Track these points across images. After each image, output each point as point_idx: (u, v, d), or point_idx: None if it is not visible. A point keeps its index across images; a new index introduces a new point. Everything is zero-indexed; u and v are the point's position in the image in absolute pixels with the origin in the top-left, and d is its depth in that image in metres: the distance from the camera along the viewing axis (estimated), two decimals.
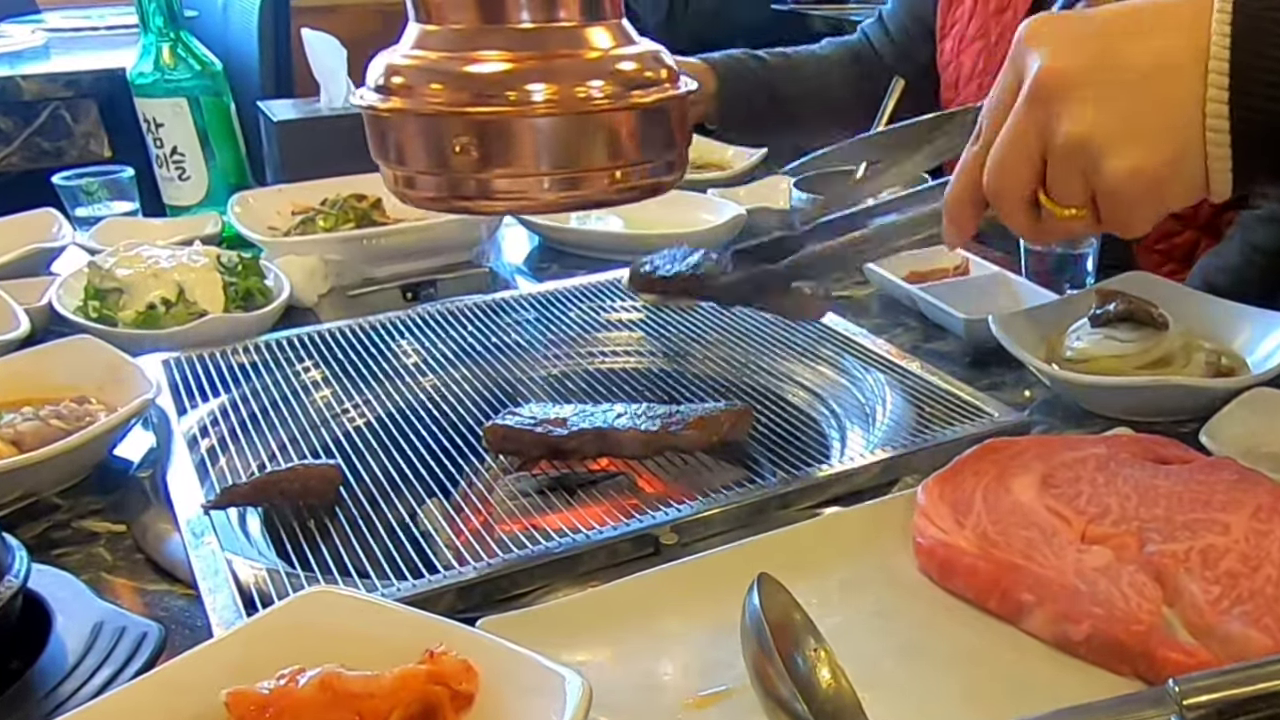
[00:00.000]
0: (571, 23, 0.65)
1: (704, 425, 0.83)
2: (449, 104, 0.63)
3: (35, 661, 0.61)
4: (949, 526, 0.69)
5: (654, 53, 0.68)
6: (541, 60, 0.64)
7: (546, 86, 0.63)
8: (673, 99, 0.68)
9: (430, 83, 0.64)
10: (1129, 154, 0.62)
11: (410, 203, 0.70)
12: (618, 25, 0.67)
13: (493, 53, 0.64)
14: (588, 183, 0.67)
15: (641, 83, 0.66)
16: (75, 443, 0.80)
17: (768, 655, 0.57)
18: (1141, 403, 0.88)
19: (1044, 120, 0.64)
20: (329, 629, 0.56)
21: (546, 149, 0.65)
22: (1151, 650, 0.59)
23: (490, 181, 0.66)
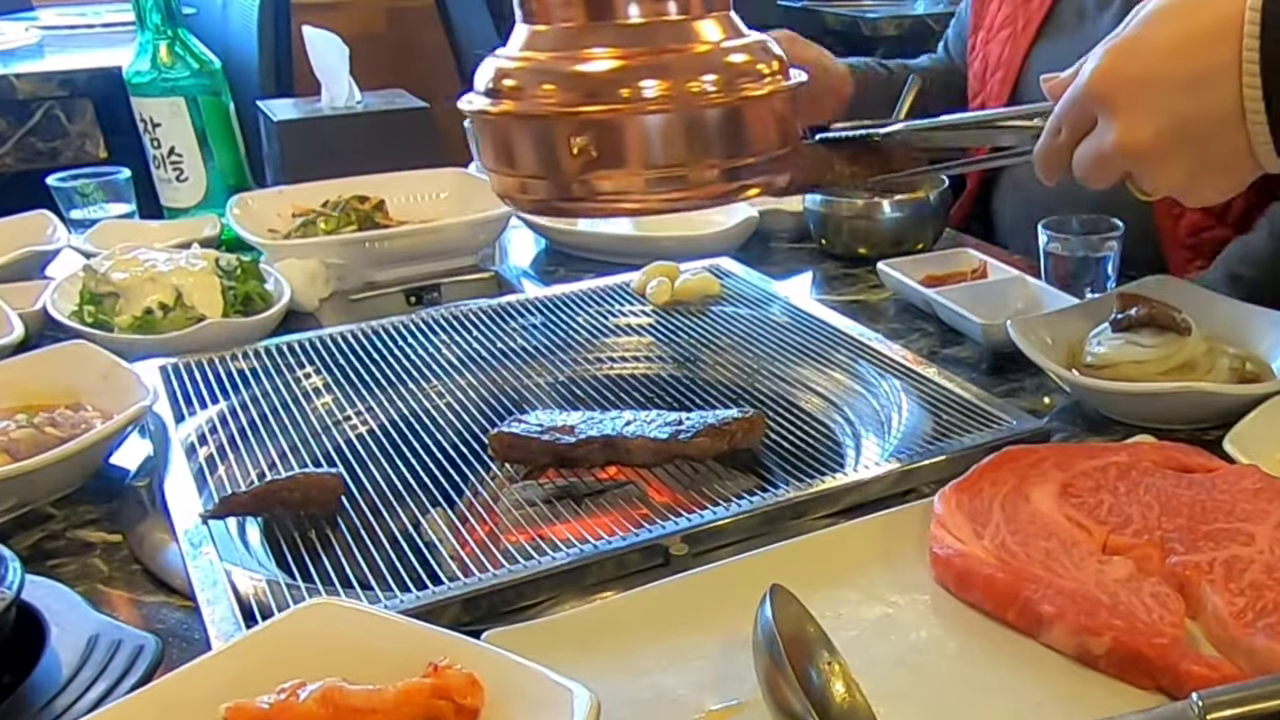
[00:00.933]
0: (681, 16, 0.65)
1: (715, 433, 0.82)
2: (562, 104, 0.63)
3: (29, 675, 0.60)
4: (966, 536, 0.69)
5: (762, 43, 0.68)
6: (652, 55, 0.63)
7: (659, 82, 0.63)
8: (785, 90, 0.68)
9: (542, 83, 0.64)
10: (1183, 167, 0.70)
11: (524, 209, 0.71)
12: (725, 16, 0.67)
13: (603, 50, 0.63)
14: (702, 181, 0.66)
15: (754, 75, 0.66)
16: (70, 451, 0.80)
17: (780, 668, 0.56)
18: (1164, 410, 0.87)
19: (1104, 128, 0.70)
20: (330, 642, 0.55)
21: (659, 147, 0.64)
22: (1174, 664, 0.59)
23: (607, 182, 0.65)
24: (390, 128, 1.56)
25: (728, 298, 1.14)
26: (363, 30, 2.37)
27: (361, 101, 1.58)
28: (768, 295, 1.12)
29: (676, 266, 1.16)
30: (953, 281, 1.16)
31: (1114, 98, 0.70)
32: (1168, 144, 0.69)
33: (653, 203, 0.67)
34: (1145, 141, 0.69)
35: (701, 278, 1.14)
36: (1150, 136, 0.69)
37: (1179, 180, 0.71)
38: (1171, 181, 0.71)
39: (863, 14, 3.07)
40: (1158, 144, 0.69)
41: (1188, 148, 0.69)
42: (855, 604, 0.67)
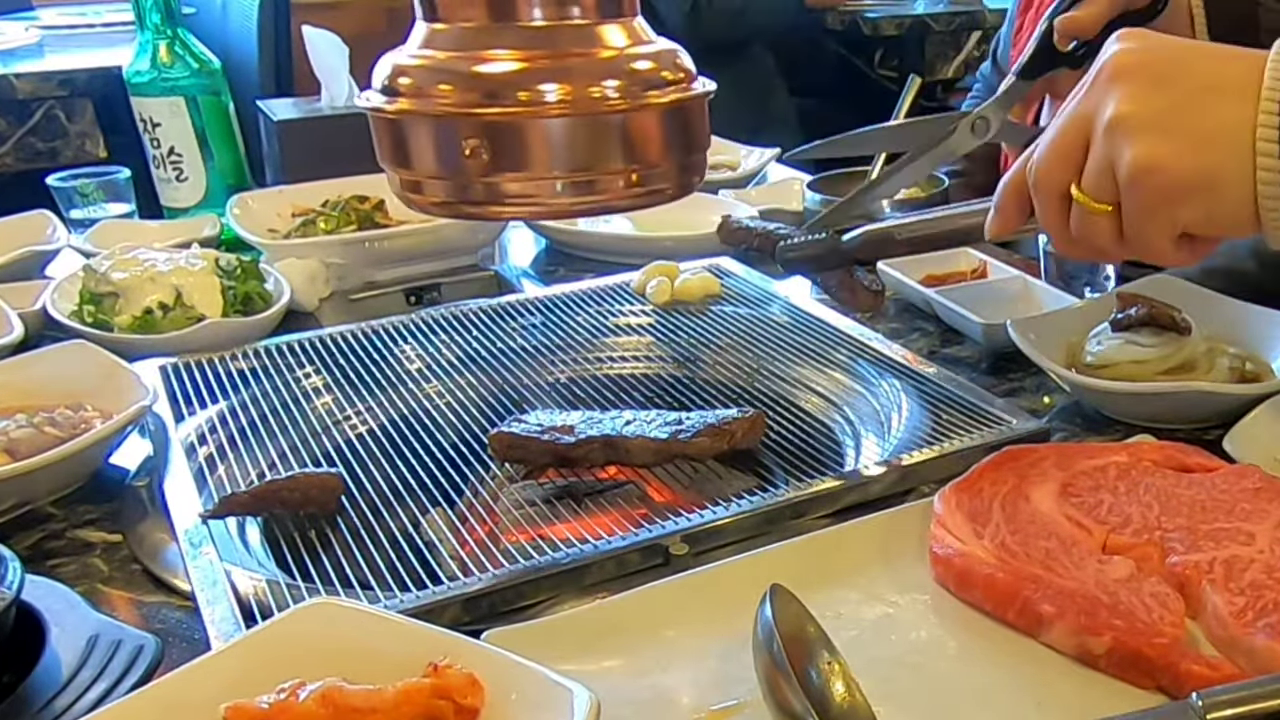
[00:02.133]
0: (585, 20, 0.64)
1: (715, 432, 0.82)
2: (458, 105, 0.62)
3: (29, 675, 0.60)
4: (966, 536, 0.69)
5: (671, 51, 0.67)
6: (554, 59, 0.63)
7: (559, 86, 0.62)
8: (691, 99, 0.67)
9: (439, 83, 0.63)
10: (1155, 146, 0.62)
11: (418, 208, 0.69)
12: (632, 23, 0.66)
13: (504, 52, 0.62)
14: (602, 186, 0.65)
15: (658, 82, 0.65)
16: (70, 450, 0.80)
17: (780, 668, 0.56)
18: (1164, 409, 0.87)
19: (1099, 100, 0.65)
20: (330, 642, 0.55)
21: (559, 151, 0.64)
22: (1174, 663, 0.58)
23: (502, 185, 0.64)
24: None
25: (728, 297, 1.13)
26: (363, 30, 2.36)
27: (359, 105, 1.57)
28: (768, 295, 1.12)
29: (676, 266, 1.16)
30: (953, 281, 1.16)
31: (1125, 38, 0.66)
32: (1170, 123, 0.63)
33: (557, 207, 0.66)
34: (1153, 109, 0.63)
35: (701, 277, 1.14)
36: (1162, 106, 0.63)
37: (1162, 156, 0.63)
38: (1154, 156, 0.63)
39: (862, 14, 3.07)
40: (1165, 114, 0.63)
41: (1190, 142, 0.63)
42: (855, 604, 0.67)
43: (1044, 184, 0.68)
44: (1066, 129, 0.67)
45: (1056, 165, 0.67)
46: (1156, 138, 0.62)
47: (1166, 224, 0.64)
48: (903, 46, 3.09)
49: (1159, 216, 0.64)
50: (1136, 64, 0.64)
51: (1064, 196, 0.68)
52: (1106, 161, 0.64)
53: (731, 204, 1.41)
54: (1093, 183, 0.66)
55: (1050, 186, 0.68)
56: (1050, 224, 0.69)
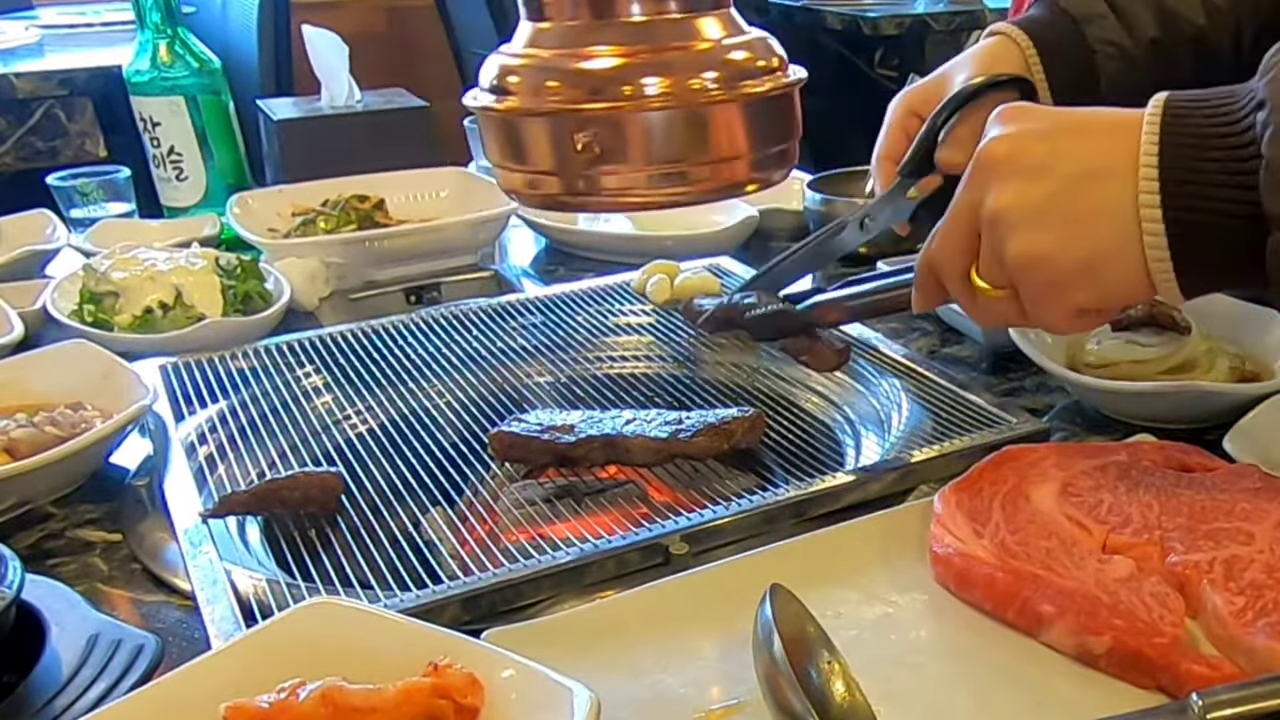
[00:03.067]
0: (682, 14, 0.65)
1: (715, 432, 0.82)
2: (567, 101, 0.63)
3: (29, 675, 0.60)
4: (966, 536, 0.68)
5: (763, 40, 0.68)
6: (654, 53, 0.64)
7: (660, 80, 0.63)
8: (785, 87, 0.68)
9: (547, 80, 0.64)
10: (1034, 239, 0.63)
11: (530, 204, 0.71)
12: (726, 14, 0.67)
13: (606, 48, 0.64)
14: (705, 176, 0.67)
15: (754, 72, 0.67)
16: (70, 450, 0.80)
17: (780, 668, 0.56)
18: (1164, 408, 0.87)
19: (979, 191, 0.65)
20: (330, 641, 0.55)
21: (665, 143, 0.65)
22: (1174, 663, 0.58)
23: (611, 178, 0.66)
24: (390, 127, 1.56)
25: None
26: (363, 30, 2.36)
27: (361, 101, 1.58)
28: None
29: (676, 265, 1.16)
30: None
31: (1001, 119, 0.66)
32: (1051, 212, 0.63)
33: (655, 198, 0.67)
34: (1031, 202, 0.63)
35: (701, 277, 1.14)
36: (1039, 198, 0.63)
37: (1045, 247, 0.63)
38: (1037, 248, 0.63)
39: (863, 14, 3.07)
40: (1043, 206, 0.63)
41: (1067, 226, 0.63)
42: (855, 604, 0.67)
43: (945, 270, 0.69)
44: (956, 218, 0.67)
45: (952, 254, 0.68)
46: (1035, 231, 0.62)
47: (1059, 307, 0.65)
48: (903, 46, 3.08)
49: (1051, 301, 0.65)
50: (1010, 154, 0.64)
51: (965, 280, 0.68)
52: (993, 253, 0.65)
53: (732, 203, 1.41)
54: (985, 271, 0.66)
55: (951, 272, 0.69)
56: (962, 303, 0.71)
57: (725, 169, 0.67)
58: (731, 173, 0.67)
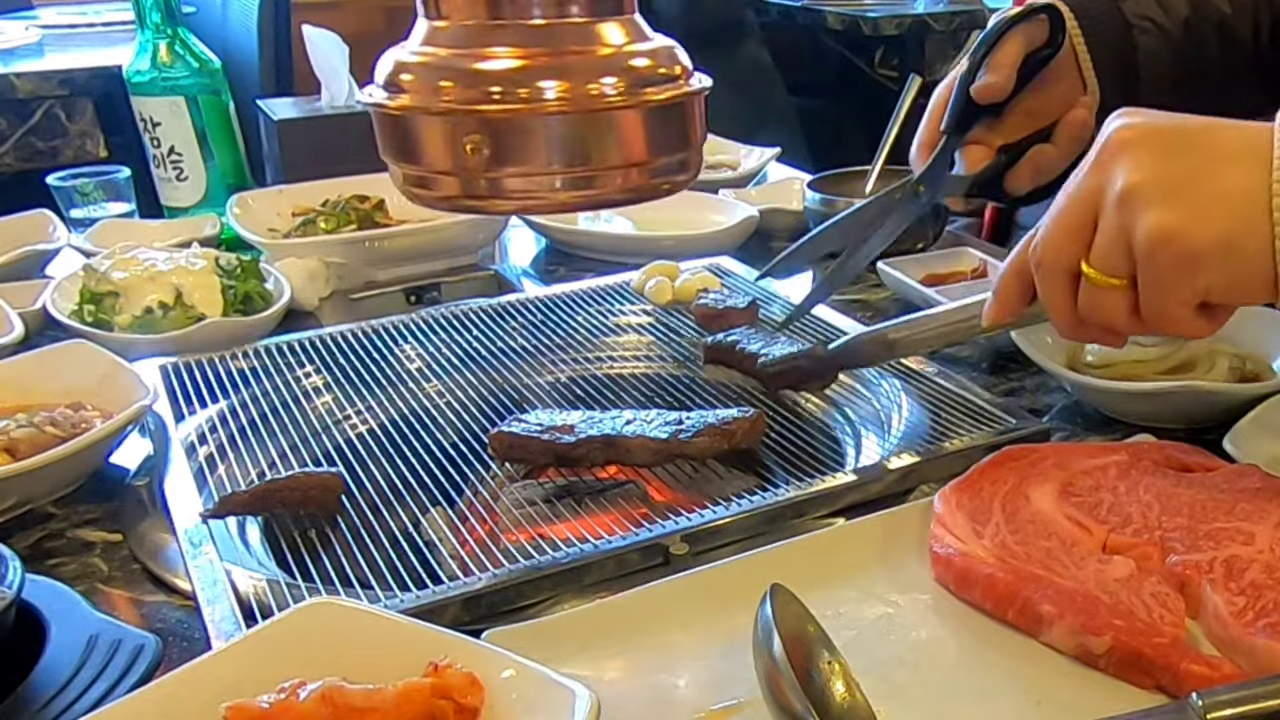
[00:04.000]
0: (583, 18, 0.64)
1: (715, 432, 0.82)
2: (460, 101, 0.62)
3: (29, 675, 0.60)
4: (966, 536, 0.68)
5: (668, 48, 0.68)
6: (553, 57, 0.63)
7: (558, 83, 0.62)
8: (687, 95, 0.67)
9: (441, 80, 0.63)
10: (1171, 213, 0.61)
11: (421, 203, 0.69)
12: (630, 20, 0.66)
13: (504, 49, 0.63)
14: (600, 182, 0.66)
15: (655, 79, 0.65)
16: (70, 450, 0.80)
17: (780, 668, 0.56)
18: (1164, 408, 0.87)
19: (1106, 174, 0.63)
20: (330, 641, 0.55)
21: (559, 147, 0.64)
22: (1174, 663, 0.58)
23: (502, 180, 0.65)
24: None
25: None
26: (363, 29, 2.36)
27: (361, 101, 1.57)
28: (768, 295, 1.11)
29: (676, 266, 1.16)
30: (953, 281, 1.16)
31: (1128, 115, 0.65)
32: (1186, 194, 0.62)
33: (555, 201, 0.67)
34: (1168, 178, 0.62)
35: (701, 277, 1.14)
36: (1176, 174, 0.62)
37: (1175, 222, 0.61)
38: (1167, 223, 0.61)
39: (863, 14, 3.07)
40: (1181, 183, 0.62)
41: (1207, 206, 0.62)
42: (855, 604, 0.67)
43: (1050, 262, 0.66)
44: (1073, 204, 0.65)
45: (1064, 241, 0.65)
46: (1172, 205, 0.61)
47: (1187, 293, 0.62)
48: (903, 46, 3.08)
49: (1179, 286, 0.62)
50: (1143, 136, 0.63)
51: (1071, 274, 0.66)
52: (1119, 233, 0.63)
53: (732, 203, 1.41)
54: (1104, 257, 0.64)
55: (1057, 264, 0.66)
56: (1056, 305, 0.68)
57: (624, 175, 0.66)
58: (631, 178, 0.67)
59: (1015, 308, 0.71)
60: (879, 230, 0.91)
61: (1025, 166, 0.89)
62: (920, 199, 0.90)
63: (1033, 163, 0.89)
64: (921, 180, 0.89)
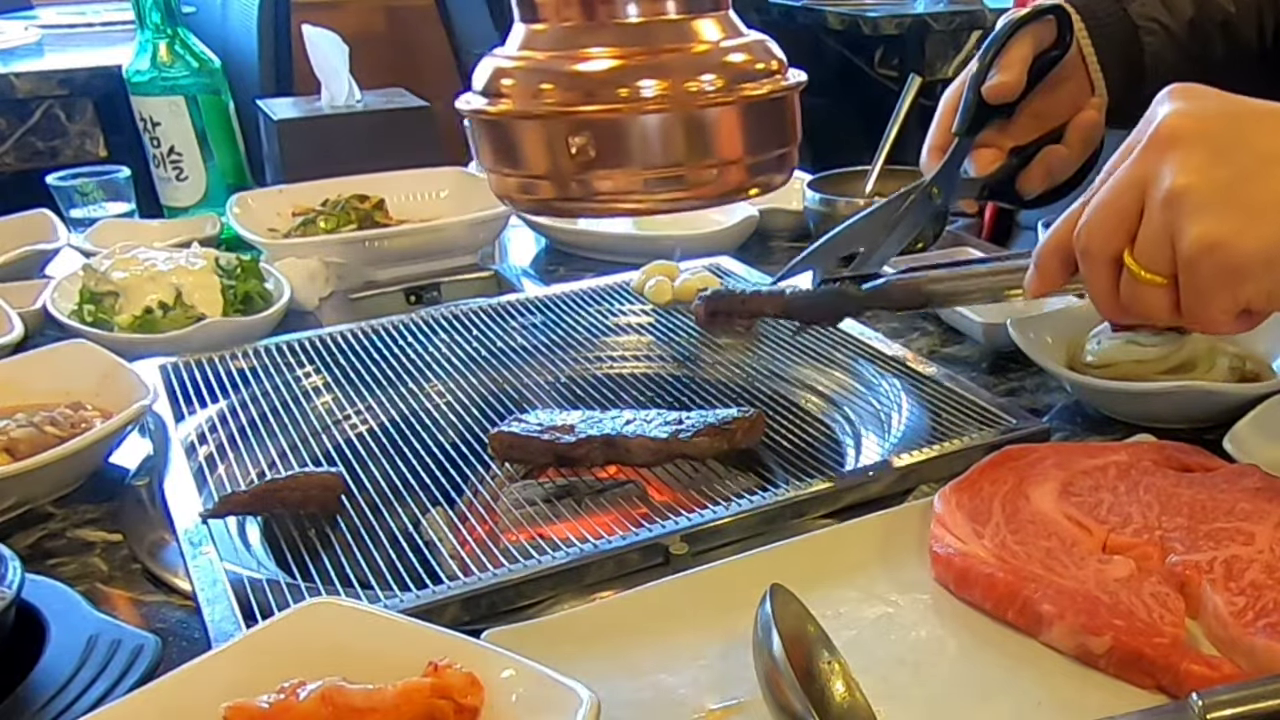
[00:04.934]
0: (679, 15, 0.64)
1: (715, 432, 0.82)
2: (562, 104, 0.63)
3: (29, 675, 0.60)
4: (966, 536, 0.68)
5: (762, 42, 0.68)
6: (650, 55, 0.63)
7: (657, 82, 0.62)
8: (785, 90, 0.67)
9: (541, 83, 0.63)
10: (1218, 224, 0.60)
11: (524, 209, 0.70)
12: (725, 16, 0.66)
13: (601, 50, 0.63)
14: (703, 181, 0.66)
15: (753, 75, 0.65)
16: (70, 450, 0.79)
17: (780, 668, 0.56)
18: (1164, 408, 0.87)
19: (1154, 167, 0.62)
20: (330, 641, 0.55)
21: (661, 147, 0.64)
22: (1174, 663, 0.58)
23: (607, 181, 0.65)
24: (390, 127, 1.56)
25: None
26: (363, 29, 2.36)
27: (361, 100, 1.57)
28: None
29: (676, 266, 1.16)
30: None
31: (1177, 95, 0.63)
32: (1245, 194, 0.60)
33: (651, 203, 0.66)
34: (1217, 182, 0.60)
35: (701, 277, 1.14)
36: (1225, 179, 0.60)
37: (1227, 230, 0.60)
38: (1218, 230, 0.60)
39: (863, 13, 3.07)
40: (1230, 188, 0.60)
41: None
42: (855, 604, 0.67)
43: (1094, 248, 0.65)
44: (1120, 193, 0.63)
45: (1109, 230, 0.64)
46: (1219, 213, 0.59)
47: (1228, 302, 0.61)
48: (903, 46, 3.08)
49: (1220, 294, 0.61)
50: (1193, 131, 0.61)
51: (1114, 262, 0.65)
52: (1164, 234, 0.61)
53: (732, 203, 1.41)
54: (1148, 253, 0.63)
55: (1101, 252, 0.65)
56: (1098, 289, 0.67)
57: (723, 173, 0.66)
58: (729, 177, 0.67)
59: (1057, 282, 0.70)
60: (894, 233, 0.91)
61: (1037, 168, 0.89)
62: (934, 202, 0.90)
63: (1044, 164, 0.89)
64: (935, 182, 0.89)
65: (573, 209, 0.67)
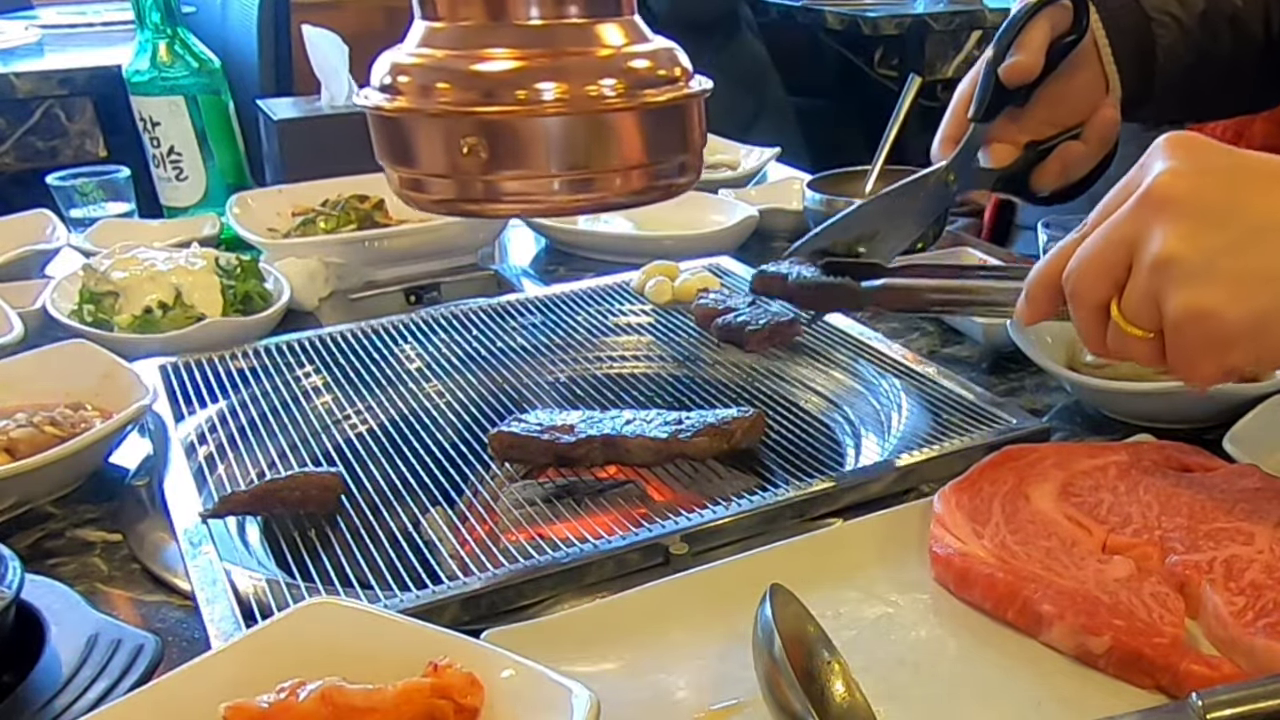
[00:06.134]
0: (582, 19, 0.64)
1: (715, 432, 0.82)
2: (457, 103, 0.62)
3: (29, 675, 0.60)
4: (966, 536, 0.68)
5: (668, 49, 0.67)
6: (551, 58, 0.62)
7: (556, 85, 0.62)
8: (687, 98, 0.67)
9: (438, 82, 0.63)
10: (1205, 294, 0.59)
11: (416, 206, 0.69)
12: (630, 22, 0.66)
13: (501, 50, 0.62)
14: (599, 184, 0.65)
15: (654, 81, 0.65)
16: (70, 450, 0.80)
17: (780, 668, 0.56)
18: (1164, 408, 0.87)
19: (1143, 228, 0.61)
20: (330, 641, 0.55)
21: (557, 150, 0.63)
22: (1174, 663, 0.58)
23: (499, 183, 0.64)
24: None
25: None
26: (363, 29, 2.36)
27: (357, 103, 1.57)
28: None
29: (676, 266, 1.16)
30: None
31: (1174, 150, 0.62)
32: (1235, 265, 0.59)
33: (554, 204, 0.66)
34: (1205, 251, 0.59)
35: (701, 277, 1.14)
36: (1213, 248, 0.59)
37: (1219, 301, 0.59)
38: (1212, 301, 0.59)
39: (863, 13, 3.07)
40: (1217, 258, 0.59)
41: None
42: (855, 604, 0.67)
43: (1081, 296, 0.65)
44: (1107, 246, 0.63)
45: (1095, 281, 0.64)
46: (1206, 283, 0.59)
47: (1214, 365, 0.61)
48: (903, 46, 3.08)
49: (1207, 359, 0.61)
50: (1186, 195, 0.60)
51: (1102, 309, 0.64)
52: (1150, 297, 0.61)
53: (731, 203, 1.41)
54: (1134, 311, 0.62)
55: (1088, 300, 0.64)
56: (1085, 332, 0.67)
57: (623, 177, 0.66)
58: (630, 181, 0.66)
59: (1047, 314, 0.70)
60: (907, 220, 0.89)
61: (1054, 163, 0.88)
62: (950, 189, 0.88)
63: (1061, 159, 0.88)
64: (951, 169, 0.88)
65: (474, 209, 0.66)
